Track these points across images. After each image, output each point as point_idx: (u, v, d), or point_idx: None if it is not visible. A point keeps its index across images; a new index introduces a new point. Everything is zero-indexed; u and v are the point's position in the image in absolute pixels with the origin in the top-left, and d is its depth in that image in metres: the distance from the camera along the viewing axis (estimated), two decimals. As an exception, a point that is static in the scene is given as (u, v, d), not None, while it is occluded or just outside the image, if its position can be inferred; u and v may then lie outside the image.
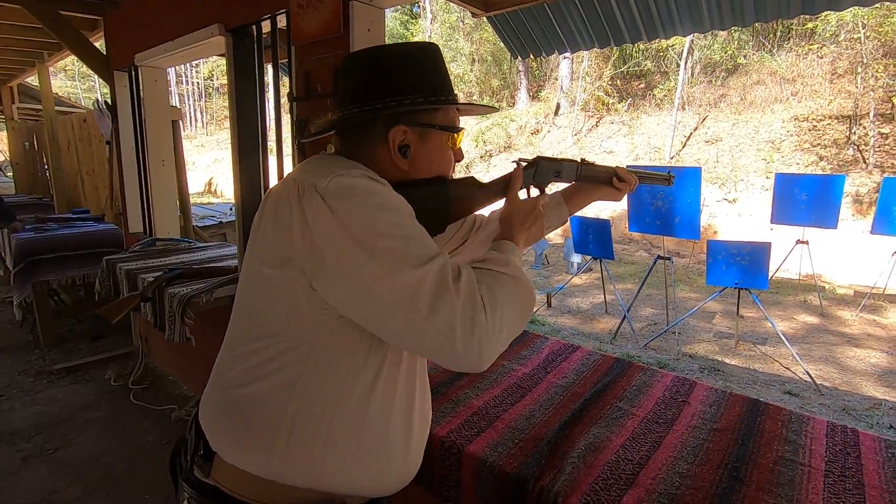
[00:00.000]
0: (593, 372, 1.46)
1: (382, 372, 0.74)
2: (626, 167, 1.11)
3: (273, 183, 2.14)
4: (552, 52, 2.36)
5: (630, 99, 13.18)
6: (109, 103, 3.37)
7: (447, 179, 0.84)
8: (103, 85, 3.34)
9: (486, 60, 17.32)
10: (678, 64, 11.93)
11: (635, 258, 8.37)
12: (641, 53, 13.85)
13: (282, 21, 1.98)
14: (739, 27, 1.89)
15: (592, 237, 4.65)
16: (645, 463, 1.04)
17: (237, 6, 2.09)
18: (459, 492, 1.08)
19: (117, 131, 3.31)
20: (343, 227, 0.64)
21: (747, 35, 12.47)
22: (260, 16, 2.01)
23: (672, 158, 10.64)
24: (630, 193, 1.12)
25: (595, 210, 9.72)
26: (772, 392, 3.44)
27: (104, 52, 3.38)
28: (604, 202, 1.14)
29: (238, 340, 0.76)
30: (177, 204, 3.44)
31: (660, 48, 13.17)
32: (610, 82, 13.54)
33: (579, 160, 1.04)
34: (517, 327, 0.70)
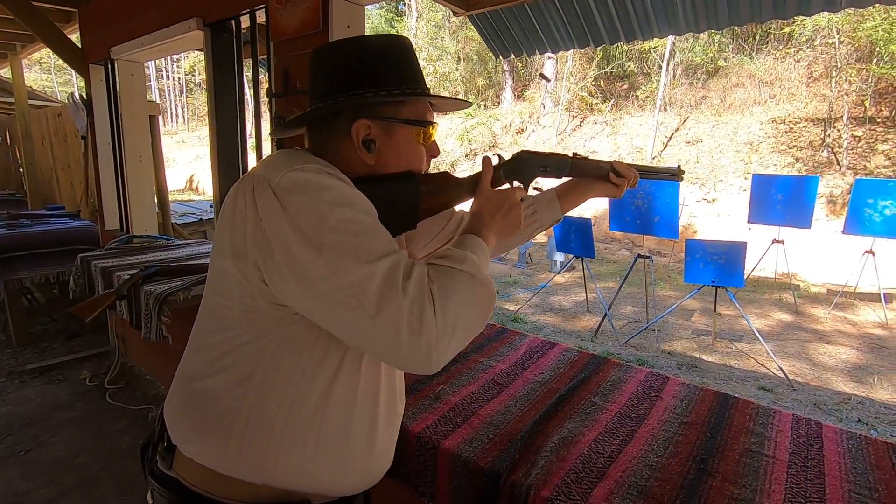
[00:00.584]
0: (570, 368, 1.48)
1: (343, 369, 0.73)
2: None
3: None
4: (533, 52, 2.38)
5: (613, 99, 13.33)
6: (85, 97, 3.30)
7: (417, 174, 0.82)
8: (80, 78, 3.26)
9: (472, 59, 17.33)
10: (660, 66, 12.10)
11: (617, 257, 8.48)
12: (625, 55, 14.01)
13: (261, 17, 1.96)
14: (714, 30, 1.93)
15: (574, 236, 4.71)
16: (616, 456, 1.06)
17: (215, 0, 2.06)
18: (435, 487, 1.09)
19: (93, 126, 3.24)
20: (291, 222, 0.63)
21: (727, 38, 12.70)
22: (238, 10, 1.99)
23: (654, 159, 10.80)
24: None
25: (578, 209, 9.81)
26: (747, 388, 3.53)
27: (79, 45, 3.31)
28: (588, 201, 1.13)
29: (201, 334, 0.76)
30: (155, 201, 3.38)
31: (642, 50, 13.33)
32: (594, 83, 13.67)
33: (571, 154, 1.02)
34: (473, 326, 0.67)
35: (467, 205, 0.96)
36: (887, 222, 4.67)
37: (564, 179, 1.08)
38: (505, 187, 0.90)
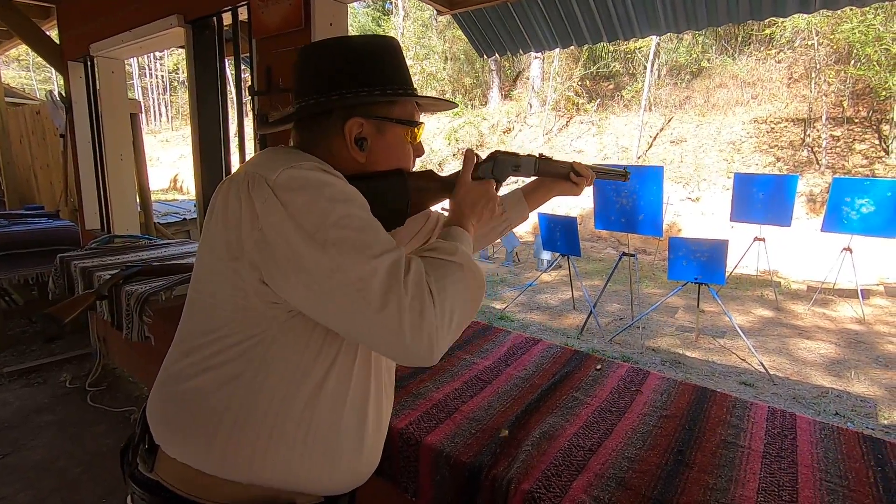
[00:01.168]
0: (552, 364, 1.50)
1: (334, 369, 0.73)
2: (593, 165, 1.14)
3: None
4: (517, 52, 2.40)
5: (599, 99, 13.45)
6: (63, 95, 3.24)
7: (406, 172, 0.83)
8: (59, 76, 3.20)
9: (459, 59, 17.34)
10: (645, 66, 12.23)
11: (603, 255, 8.56)
12: (610, 55, 14.14)
13: (243, 14, 1.95)
14: (694, 30, 1.96)
15: (560, 234, 4.74)
16: (596, 449, 1.07)
17: (196, -3, 2.04)
18: (417, 482, 1.10)
19: (72, 124, 3.18)
20: (293, 220, 0.63)
21: (711, 39, 12.88)
22: (220, 7, 1.97)
23: (639, 158, 10.91)
24: (595, 191, 1.14)
25: (565, 208, 9.88)
26: (729, 383, 3.59)
27: (57, 42, 3.25)
28: (572, 200, 1.17)
29: (187, 334, 0.75)
30: (136, 200, 3.33)
31: (628, 50, 13.47)
32: (580, 83, 13.77)
33: (537, 155, 1.06)
34: (467, 315, 0.69)
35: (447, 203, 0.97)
36: (864, 220, 4.79)
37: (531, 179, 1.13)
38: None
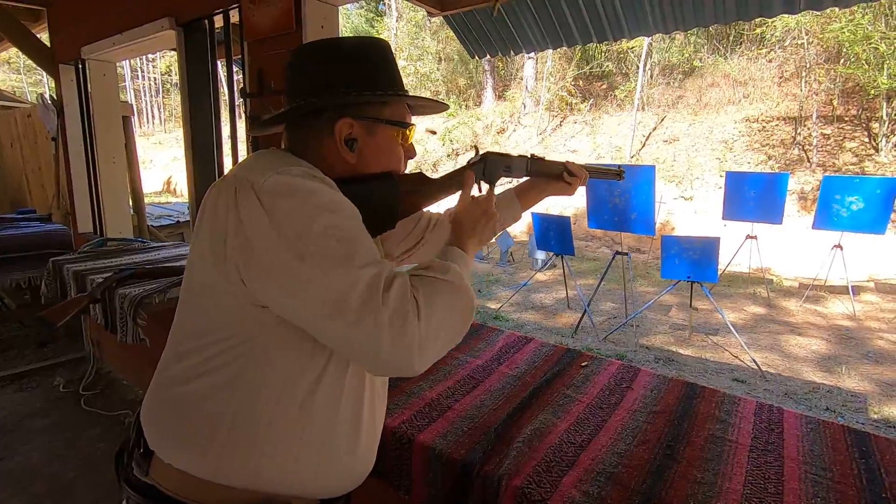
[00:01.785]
0: (544, 362, 1.51)
1: (328, 371, 0.73)
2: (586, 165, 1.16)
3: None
4: (508, 53, 2.42)
5: (592, 99, 13.51)
6: (55, 98, 3.23)
7: (396, 175, 0.83)
8: (51, 79, 3.19)
9: (453, 59, 17.36)
10: (638, 66, 12.30)
11: (597, 254, 8.59)
12: (603, 55, 14.21)
13: (235, 16, 1.95)
14: (681, 31, 1.98)
15: (553, 234, 4.77)
16: (586, 445, 1.09)
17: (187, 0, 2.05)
18: (410, 480, 1.11)
19: (64, 127, 3.17)
20: (276, 227, 0.63)
21: (702, 39, 12.97)
22: (211, 10, 1.97)
23: (632, 157, 10.97)
24: (588, 190, 1.16)
25: (558, 207, 9.92)
26: (721, 380, 3.62)
27: (48, 45, 3.24)
28: (565, 200, 1.19)
29: (180, 338, 0.75)
30: (129, 203, 3.33)
31: (620, 50, 13.54)
32: (573, 83, 13.83)
33: (529, 155, 1.07)
34: (455, 335, 0.70)
35: (438, 206, 0.98)
36: (854, 217, 4.84)
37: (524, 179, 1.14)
38: (480, 195, 0.92)
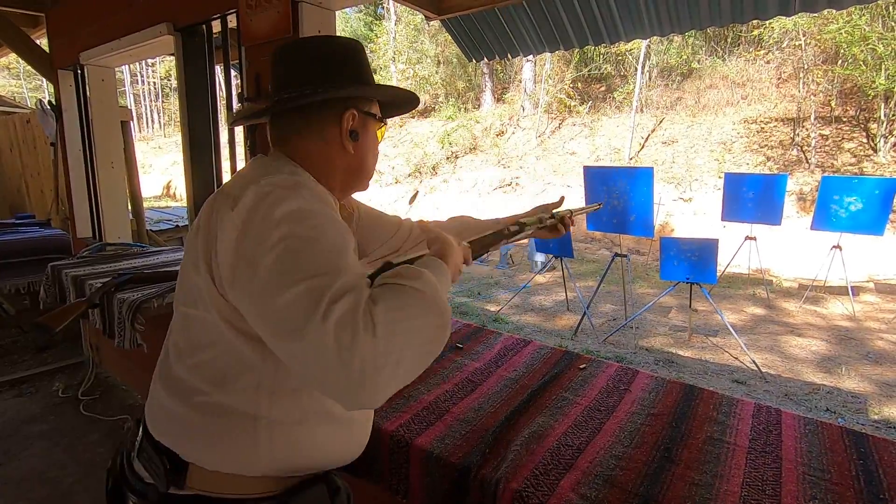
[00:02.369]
0: (543, 364, 1.51)
1: None
2: (584, 167, 1.19)
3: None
4: (505, 56, 2.42)
5: (591, 101, 13.53)
6: (54, 103, 3.24)
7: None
8: (50, 84, 3.20)
9: (452, 62, 17.39)
10: (636, 68, 12.33)
11: (597, 256, 8.59)
12: (601, 57, 14.23)
13: (233, 21, 1.96)
14: (677, 33, 1.99)
15: (553, 236, 4.76)
16: (584, 448, 1.09)
17: (185, 5, 2.05)
18: (408, 484, 1.11)
19: (62, 132, 3.18)
20: (239, 241, 0.65)
21: (700, 41, 13.01)
22: (208, 16, 1.98)
23: (631, 159, 10.98)
24: (586, 192, 1.22)
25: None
26: (721, 381, 3.62)
27: (47, 51, 3.24)
28: (567, 201, 1.24)
29: (187, 349, 0.76)
30: (128, 207, 3.33)
31: (619, 52, 13.56)
32: (571, 85, 13.85)
33: (508, 230, 1.04)
34: (422, 357, 0.59)
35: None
36: (853, 218, 4.84)
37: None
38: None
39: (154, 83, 28.53)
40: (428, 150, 14.28)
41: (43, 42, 3.37)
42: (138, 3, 2.29)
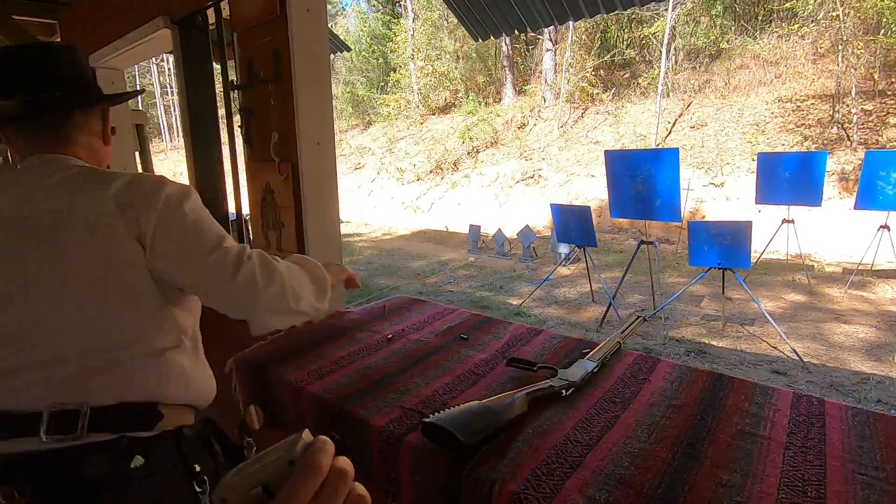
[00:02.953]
0: (553, 354, 1.40)
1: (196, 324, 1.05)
2: (605, 151, 1.09)
3: (228, 176, 2.06)
4: (511, 32, 2.30)
5: (614, 88, 13.16)
6: (70, 109, 3.28)
7: None
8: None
9: (471, 57, 17.25)
10: (661, 51, 11.91)
11: (624, 246, 8.33)
12: (624, 42, 13.84)
13: (226, 10, 1.91)
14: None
15: (574, 225, 4.59)
16: (595, 444, 0.97)
17: (179, -4, 2.01)
18: (399, 484, 1.02)
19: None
20: None
21: (729, 20, 12.47)
22: (203, 4, 1.93)
23: (658, 145, 10.61)
24: (608, 177, 1.30)
25: (580, 198, 9.68)
26: (759, 372, 3.40)
27: (62, 57, 3.29)
28: (588, 191, 1.15)
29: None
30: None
31: (642, 36, 13.16)
32: (594, 73, 13.51)
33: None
34: (311, 293, 1.04)
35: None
36: (901, 195, 4.50)
37: None
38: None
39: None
40: (448, 146, 14.19)
41: (59, 50, 3.43)
42: (137, 1, 2.27)
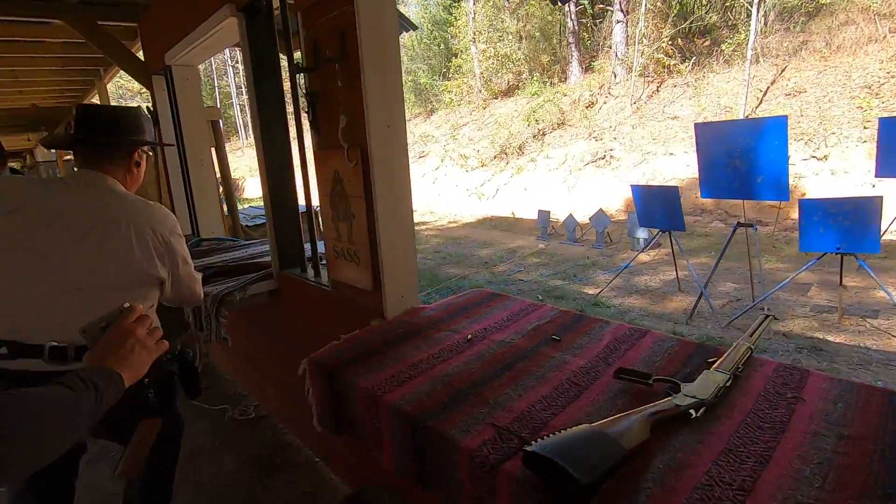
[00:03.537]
0: (668, 362, 1.17)
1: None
2: (695, 124, 0.83)
3: (298, 172, 1.97)
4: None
5: (694, 58, 12.12)
6: (151, 109, 3.41)
7: None
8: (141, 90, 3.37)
9: (535, 37, 16.63)
10: (748, 13, 10.76)
11: (709, 230, 7.65)
12: (704, 7, 12.69)
13: (290, -8, 1.81)
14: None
15: (659, 208, 4.20)
16: (750, 489, 0.75)
17: (243, -19, 1.95)
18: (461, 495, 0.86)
19: (160, 135, 3.33)
20: None
21: (830, -30, 11.01)
22: (266, -14, 1.85)
23: (747, 117, 9.63)
24: (699, 154, 0.93)
25: (662, 178, 8.99)
26: (894, 373, 2.91)
27: (143, 59, 3.42)
28: (670, 170, 0.89)
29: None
30: (219, 204, 3.43)
31: (725, -2, 11.99)
32: (670, 42, 12.51)
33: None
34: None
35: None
36: None
37: None
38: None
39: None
40: (513, 130, 13.79)
41: (140, 53, 3.57)
42: (205, -8, 2.24)
